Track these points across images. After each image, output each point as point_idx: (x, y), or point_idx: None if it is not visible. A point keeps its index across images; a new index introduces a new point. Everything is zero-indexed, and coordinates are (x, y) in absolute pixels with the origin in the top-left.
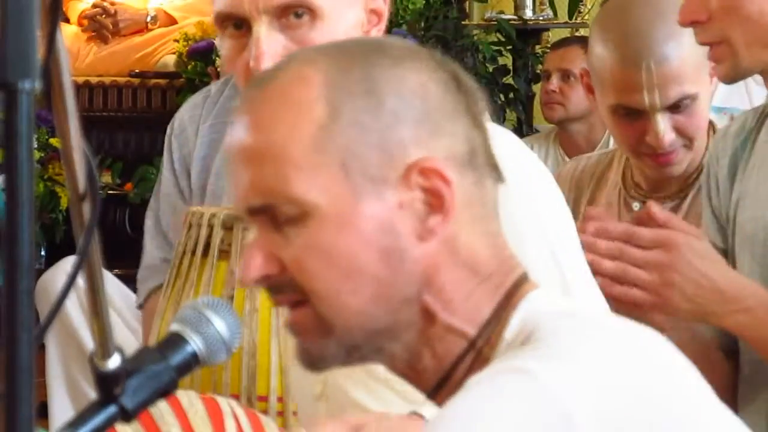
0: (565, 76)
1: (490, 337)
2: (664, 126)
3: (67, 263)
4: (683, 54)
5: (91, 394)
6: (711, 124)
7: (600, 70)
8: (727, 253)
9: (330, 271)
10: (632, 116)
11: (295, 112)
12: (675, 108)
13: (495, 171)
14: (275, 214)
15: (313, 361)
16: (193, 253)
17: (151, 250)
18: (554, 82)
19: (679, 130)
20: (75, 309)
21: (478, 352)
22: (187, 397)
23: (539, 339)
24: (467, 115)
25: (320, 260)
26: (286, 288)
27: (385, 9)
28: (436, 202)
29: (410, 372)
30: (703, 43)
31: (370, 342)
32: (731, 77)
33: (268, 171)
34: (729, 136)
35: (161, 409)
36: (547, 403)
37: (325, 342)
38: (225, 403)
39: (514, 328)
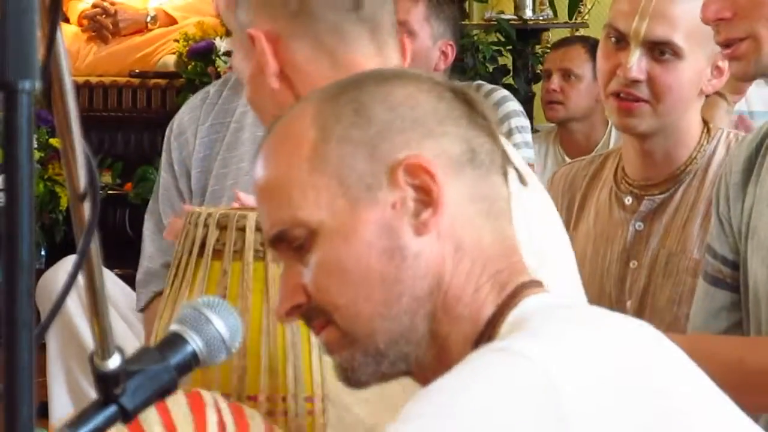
0: (566, 75)
1: (491, 336)
2: (636, 59)
3: (69, 262)
4: (688, 10)
5: (92, 393)
6: (706, 124)
7: None
8: (737, 264)
9: (343, 281)
10: (617, 44)
11: (291, 143)
12: (656, 52)
13: (506, 174)
14: (290, 241)
15: (348, 376)
16: (190, 252)
17: (152, 254)
18: (555, 82)
19: (650, 81)
20: (76, 308)
21: None
22: None
23: (524, 326)
24: (466, 119)
25: (333, 274)
26: (314, 313)
27: None
28: (425, 196)
29: (432, 374)
30: (725, 40)
31: (393, 347)
32: (751, 74)
33: (277, 200)
34: (744, 144)
35: None
36: (532, 374)
37: (352, 352)
38: (209, 396)
39: (507, 324)
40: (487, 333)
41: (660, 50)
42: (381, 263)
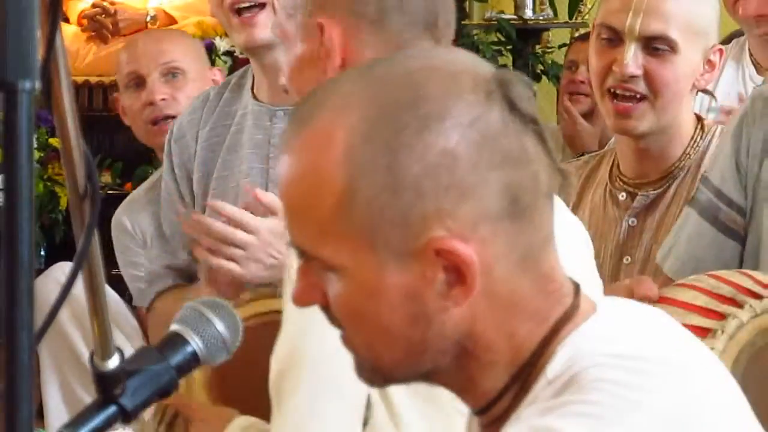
0: None
1: (532, 371)
2: (632, 55)
3: (57, 271)
4: (681, 5)
5: (87, 400)
6: (700, 119)
7: None
8: (743, 210)
9: (363, 327)
10: (610, 42)
11: (317, 180)
12: (651, 48)
13: (550, 199)
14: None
15: (363, 380)
16: None
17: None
18: (583, 73)
19: (647, 75)
20: (67, 316)
21: (522, 384)
22: None
23: (578, 391)
24: (511, 155)
25: (354, 316)
26: (333, 320)
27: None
28: (457, 276)
29: (457, 393)
30: (766, 33)
31: (412, 376)
32: None
33: (299, 224)
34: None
35: None
36: None
37: (369, 371)
38: None
39: (557, 366)
40: (528, 370)
41: (655, 45)
42: (405, 326)
